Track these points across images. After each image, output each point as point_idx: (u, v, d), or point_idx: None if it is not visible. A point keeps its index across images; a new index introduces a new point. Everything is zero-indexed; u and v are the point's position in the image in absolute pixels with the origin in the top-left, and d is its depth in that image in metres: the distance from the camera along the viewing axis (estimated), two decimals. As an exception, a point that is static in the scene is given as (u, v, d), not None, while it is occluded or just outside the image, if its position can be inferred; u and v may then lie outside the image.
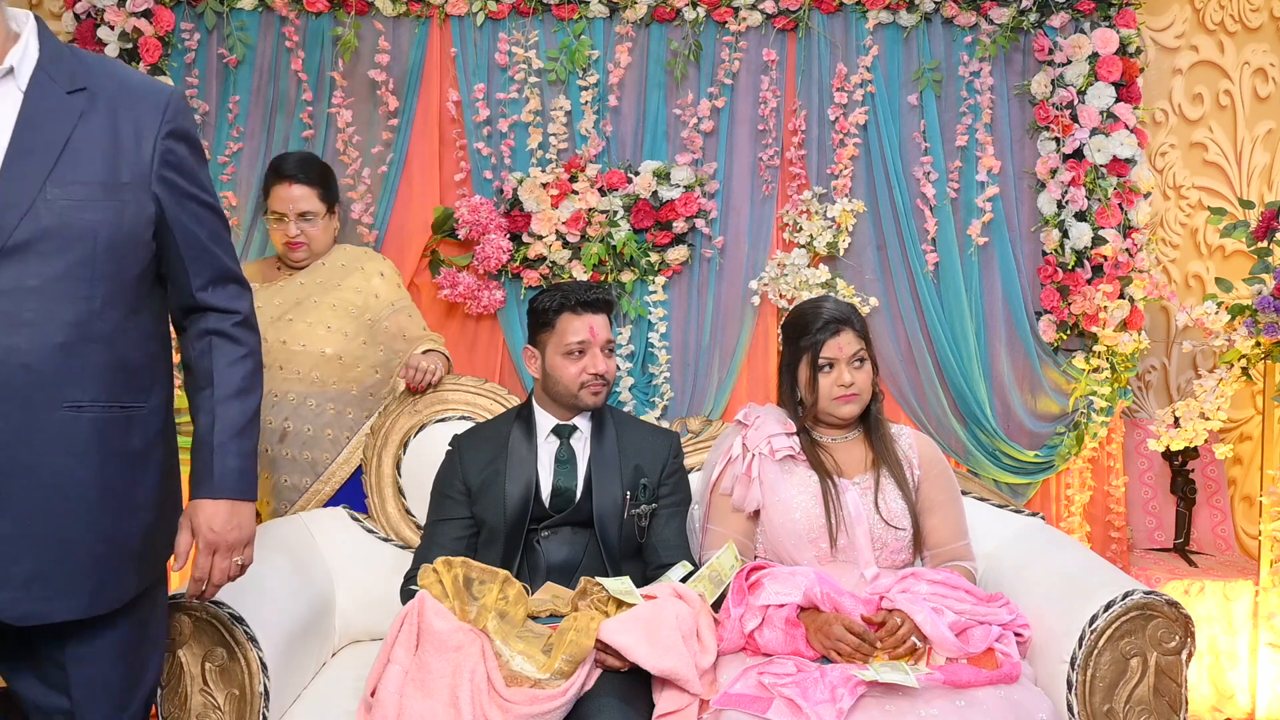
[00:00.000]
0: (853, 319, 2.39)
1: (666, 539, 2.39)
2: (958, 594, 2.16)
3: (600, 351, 2.38)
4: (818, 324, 2.38)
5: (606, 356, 2.39)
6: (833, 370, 2.36)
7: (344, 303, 2.80)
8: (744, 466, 2.36)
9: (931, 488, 2.39)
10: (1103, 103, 3.14)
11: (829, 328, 2.36)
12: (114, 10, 3.04)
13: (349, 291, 2.82)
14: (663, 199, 3.16)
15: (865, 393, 2.39)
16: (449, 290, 3.13)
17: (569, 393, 2.38)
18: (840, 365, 2.35)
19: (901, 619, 2.09)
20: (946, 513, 2.38)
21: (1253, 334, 2.88)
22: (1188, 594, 3.04)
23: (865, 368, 2.38)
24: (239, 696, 2.05)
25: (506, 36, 3.19)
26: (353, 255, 2.91)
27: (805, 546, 2.29)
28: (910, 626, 2.08)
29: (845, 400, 2.36)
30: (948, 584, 2.17)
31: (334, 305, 2.80)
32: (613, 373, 2.42)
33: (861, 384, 2.37)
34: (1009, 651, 2.10)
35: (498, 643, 2.00)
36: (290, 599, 2.27)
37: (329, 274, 2.84)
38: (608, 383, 2.40)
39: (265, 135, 3.18)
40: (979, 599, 2.18)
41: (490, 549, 2.33)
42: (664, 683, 2.04)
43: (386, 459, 2.69)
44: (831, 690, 1.94)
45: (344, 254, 2.90)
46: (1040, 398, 3.24)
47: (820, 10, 3.19)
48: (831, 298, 2.53)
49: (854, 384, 2.36)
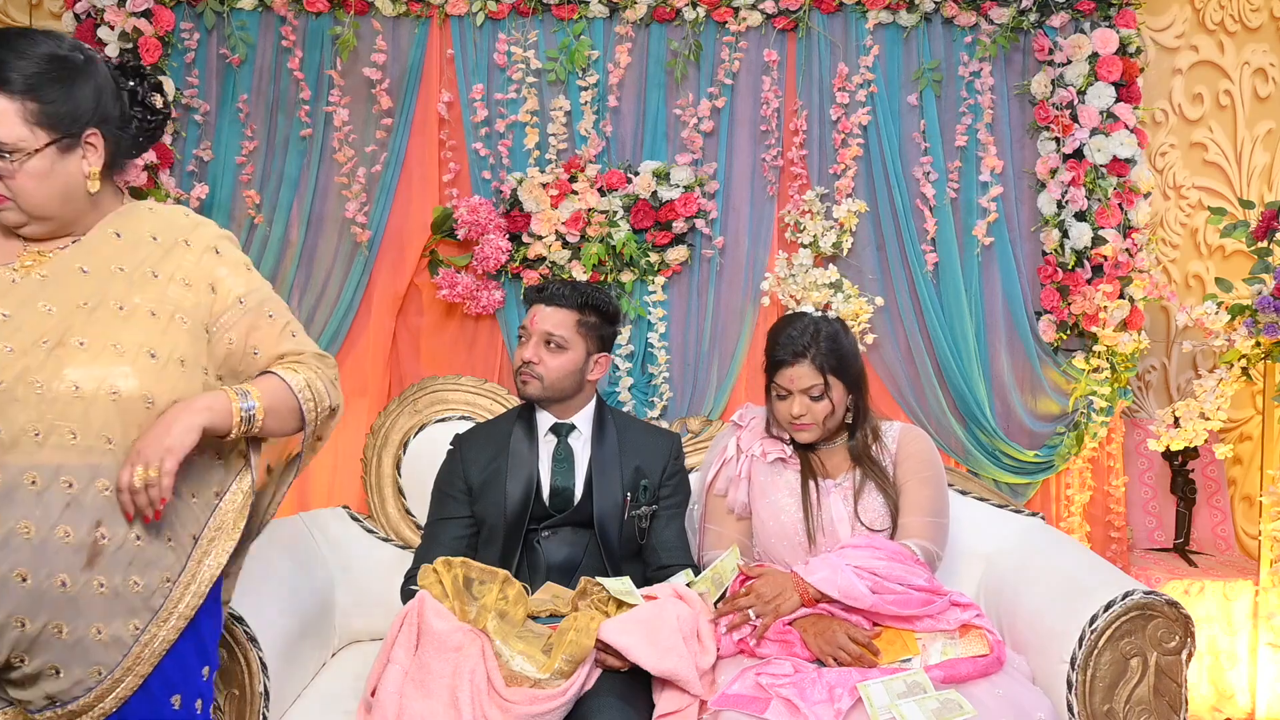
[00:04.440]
0: (810, 351, 2.34)
1: (667, 540, 2.39)
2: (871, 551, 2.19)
3: (536, 340, 2.37)
4: (776, 351, 2.37)
5: (544, 347, 2.37)
6: (787, 399, 2.36)
7: (152, 303, 1.65)
8: (737, 468, 2.37)
9: (901, 470, 2.40)
10: (1103, 103, 3.14)
11: (784, 361, 2.35)
12: (114, 10, 3.04)
13: (164, 285, 1.67)
14: (662, 199, 3.16)
15: (821, 422, 2.35)
16: (448, 290, 3.13)
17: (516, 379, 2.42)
18: (793, 397, 2.34)
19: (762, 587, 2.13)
20: (911, 492, 2.37)
21: (1253, 334, 2.88)
22: (1188, 594, 3.04)
23: (823, 401, 2.34)
24: (239, 696, 2.05)
25: (506, 36, 3.19)
26: (164, 222, 1.73)
27: (793, 548, 2.30)
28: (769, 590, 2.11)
29: (797, 429, 2.36)
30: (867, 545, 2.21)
31: (131, 309, 1.64)
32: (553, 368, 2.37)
33: (816, 414, 2.34)
34: (991, 629, 2.11)
35: (498, 643, 2.00)
36: (290, 599, 2.27)
37: (117, 254, 1.67)
38: (536, 375, 2.37)
39: (266, 134, 3.18)
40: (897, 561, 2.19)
41: (490, 547, 2.34)
42: (664, 683, 2.05)
43: (386, 459, 2.69)
44: (829, 691, 1.94)
45: (140, 220, 1.72)
46: (1040, 398, 3.24)
47: (820, 10, 3.19)
48: (804, 321, 2.44)
49: (804, 416, 2.34)
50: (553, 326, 2.36)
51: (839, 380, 2.35)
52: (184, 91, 3.13)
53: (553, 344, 2.36)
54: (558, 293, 2.39)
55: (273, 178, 3.18)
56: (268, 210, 3.17)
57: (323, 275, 3.21)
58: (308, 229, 3.19)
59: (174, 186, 3.11)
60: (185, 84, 3.14)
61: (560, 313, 2.37)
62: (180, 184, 3.13)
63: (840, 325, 2.43)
